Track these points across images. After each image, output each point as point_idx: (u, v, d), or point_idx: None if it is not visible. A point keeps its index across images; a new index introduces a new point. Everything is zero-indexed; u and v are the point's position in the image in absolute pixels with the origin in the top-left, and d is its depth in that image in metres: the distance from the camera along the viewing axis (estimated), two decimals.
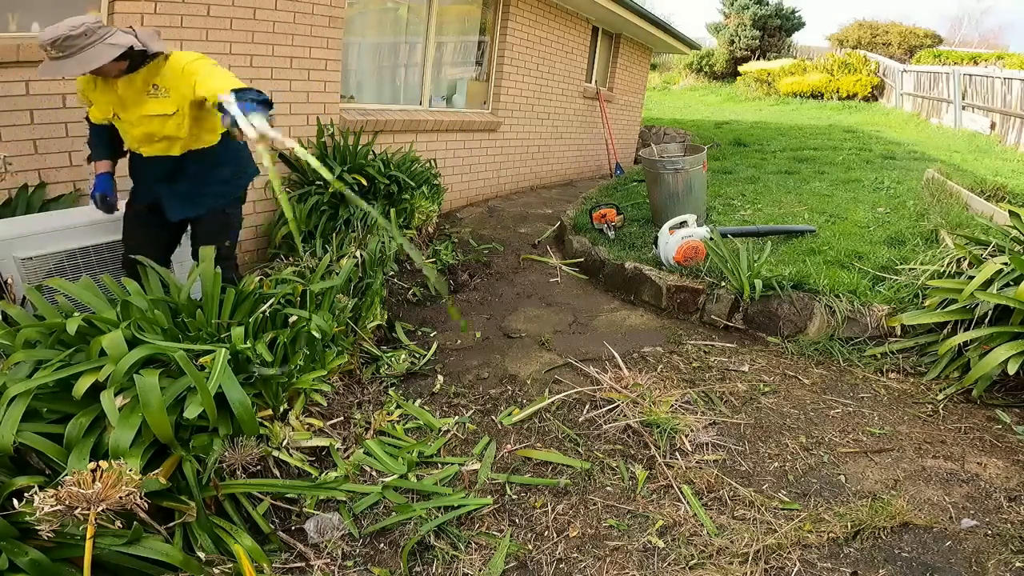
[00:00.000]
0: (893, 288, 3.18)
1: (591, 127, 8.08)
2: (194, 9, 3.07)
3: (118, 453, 1.54)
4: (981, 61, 14.20)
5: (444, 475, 2.10)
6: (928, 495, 1.96)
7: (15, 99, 2.56)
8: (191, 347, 1.88)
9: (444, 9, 5.24)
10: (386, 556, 1.79)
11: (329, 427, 2.25)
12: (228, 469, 1.80)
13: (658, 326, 3.30)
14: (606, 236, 4.48)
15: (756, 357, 2.94)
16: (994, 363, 2.38)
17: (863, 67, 15.40)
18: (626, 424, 2.33)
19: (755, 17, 19.54)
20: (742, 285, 3.23)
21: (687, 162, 4.27)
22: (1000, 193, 5.27)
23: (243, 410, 1.79)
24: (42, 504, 1.27)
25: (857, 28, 19.91)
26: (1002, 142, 9.46)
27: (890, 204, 4.87)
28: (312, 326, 2.18)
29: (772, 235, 4.07)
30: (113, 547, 1.43)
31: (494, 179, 6.27)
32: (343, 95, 4.32)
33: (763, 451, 2.22)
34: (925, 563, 1.68)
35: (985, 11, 45.23)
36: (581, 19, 7.04)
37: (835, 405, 2.53)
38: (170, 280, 2.22)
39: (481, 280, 4.06)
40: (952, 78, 11.25)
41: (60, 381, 1.68)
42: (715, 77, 20.48)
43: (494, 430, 2.39)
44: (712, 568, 1.68)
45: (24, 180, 2.66)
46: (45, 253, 2.27)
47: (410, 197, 4.00)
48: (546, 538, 1.84)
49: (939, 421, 2.42)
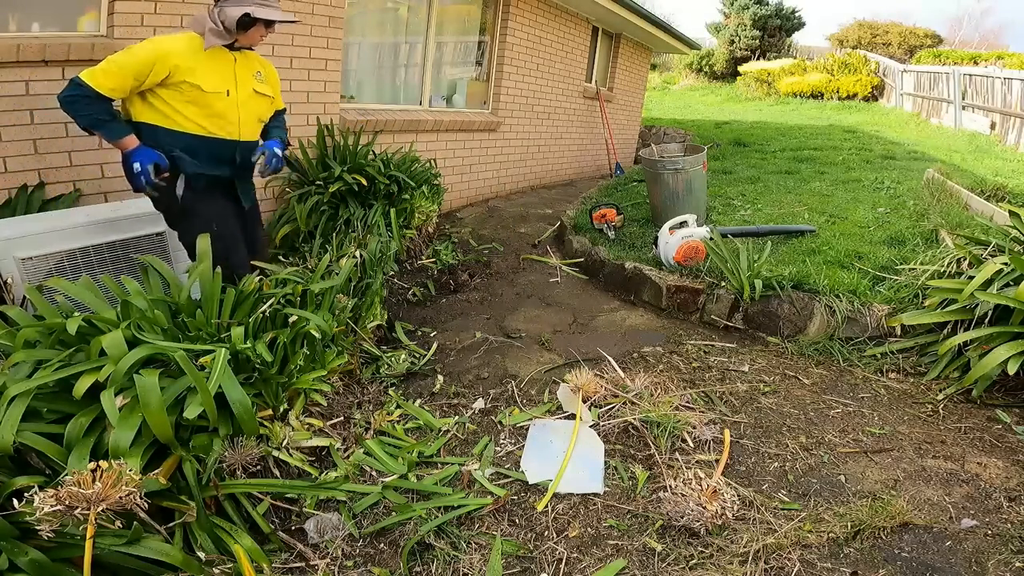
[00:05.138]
0: (893, 288, 3.18)
1: (591, 127, 8.08)
2: (194, 9, 3.07)
3: (118, 453, 1.54)
4: (981, 61, 14.19)
5: (444, 475, 2.10)
6: (928, 495, 1.96)
7: (15, 99, 2.56)
8: (191, 347, 1.88)
9: (444, 9, 5.24)
10: (386, 556, 1.79)
11: (329, 427, 2.25)
12: (228, 469, 1.80)
13: (658, 326, 3.30)
14: (606, 236, 4.48)
15: (756, 357, 2.94)
16: (994, 363, 2.38)
17: (863, 67, 15.40)
18: (626, 424, 2.33)
19: (755, 17, 19.54)
20: (742, 285, 3.23)
21: (687, 162, 4.27)
22: (1000, 193, 5.27)
23: (243, 410, 1.79)
24: (42, 504, 1.27)
25: (857, 28, 19.93)
26: (1002, 142, 9.45)
27: (890, 204, 4.87)
28: (312, 326, 2.18)
29: (772, 235, 4.07)
30: (113, 547, 1.43)
31: (494, 179, 6.27)
32: (343, 95, 4.32)
33: (763, 451, 2.22)
34: (925, 563, 1.68)
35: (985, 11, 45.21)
36: (581, 19, 7.04)
37: (835, 405, 2.53)
38: (171, 280, 2.22)
39: (481, 280, 4.06)
40: (952, 78, 11.24)
41: (60, 381, 1.68)
42: (715, 77, 20.49)
43: (494, 430, 2.39)
44: (712, 568, 1.68)
45: (24, 180, 2.66)
46: (45, 253, 2.27)
47: (410, 197, 4.00)
48: (546, 538, 1.84)
49: (939, 421, 2.42)
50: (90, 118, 2.14)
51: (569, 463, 2.12)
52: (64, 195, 2.76)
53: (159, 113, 2.23)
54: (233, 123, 2.33)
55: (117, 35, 2.81)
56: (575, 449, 2.19)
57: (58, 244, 2.31)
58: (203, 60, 2.21)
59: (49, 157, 2.72)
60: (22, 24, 2.69)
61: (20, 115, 2.59)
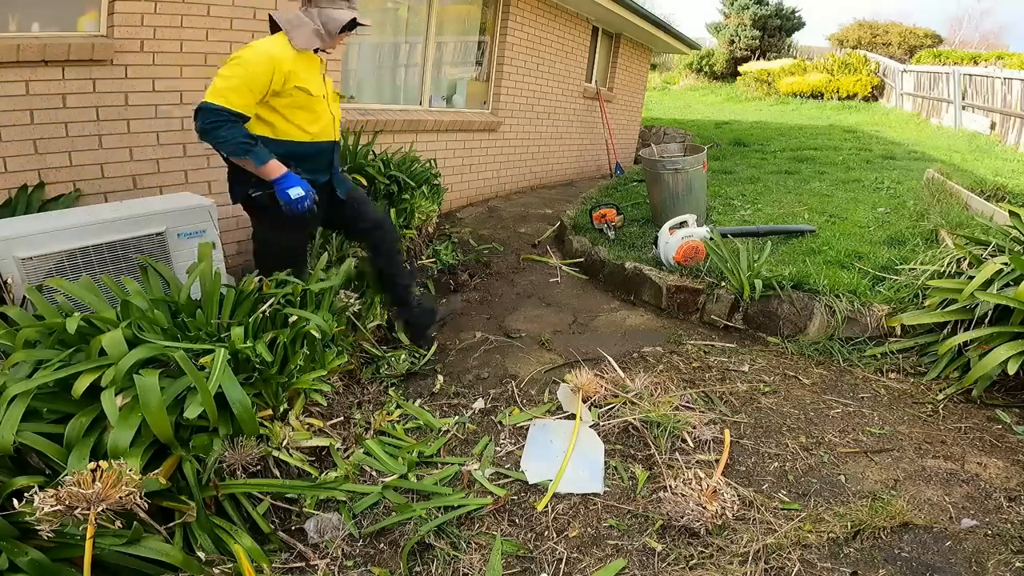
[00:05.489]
0: (893, 288, 3.18)
1: (591, 127, 8.08)
2: (194, 9, 3.07)
3: (118, 453, 1.54)
4: (981, 61, 14.19)
5: (444, 475, 2.10)
6: (928, 495, 1.96)
7: (15, 99, 2.56)
8: (191, 347, 1.88)
9: (444, 9, 5.24)
10: (386, 556, 1.79)
11: (329, 427, 2.25)
12: (228, 469, 1.80)
13: (658, 326, 3.30)
14: (606, 236, 4.48)
15: (756, 357, 2.94)
16: (994, 363, 2.38)
17: (863, 67, 15.40)
18: (626, 424, 2.33)
19: (755, 17, 19.54)
20: (742, 285, 3.23)
21: (687, 162, 4.26)
22: (1000, 193, 5.27)
23: (243, 410, 1.78)
24: (42, 504, 1.27)
25: (857, 28, 19.93)
26: (1002, 142, 9.45)
27: (890, 204, 4.87)
28: (312, 326, 2.18)
29: (772, 235, 4.07)
30: (113, 547, 1.43)
31: (494, 179, 6.27)
32: (343, 95, 4.31)
33: (763, 451, 2.22)
34: (925, 563, 1.68)
35: (985, 11, 45.24)
36: (581, 19, 7.04)
37: (835, 405, 2.53)
38: (171, 280, 2.22)
39: (481, 280, 4.06)
40: (952, 78, 11.24)
41: (60, 381, 1.68)
42: (715, 77, 20.49)
43: (494, 430, 2.39)
44: (712, 568, 1.68)
45: (24, 180, 2.66)
46: (45, 253, 2.27)
47: (410, 197, 4.00)
48: (546, 538, 1.84)
49: (939, 421, 2.42)
50: (235, 143, 2.02)
51: (569, 463, 2.12)
52: (64, 195, 2.76)
53: (265, 124, 2.15)
54: (329, 124, 2.29)
55: (117, 35, 2.81)
56: (575, 449, 2.19)
57: (58, 244, 2.30)
58: (301, 63, 2.15)
59: (49, 157, 2.72)
60: (22, 24, 2.69)
61: (20, 115, 2.59)
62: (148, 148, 3.07)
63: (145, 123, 3.02)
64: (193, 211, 2.68)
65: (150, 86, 2.99)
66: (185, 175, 3.27)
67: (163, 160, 3.15)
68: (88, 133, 2.82)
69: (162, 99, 3.06)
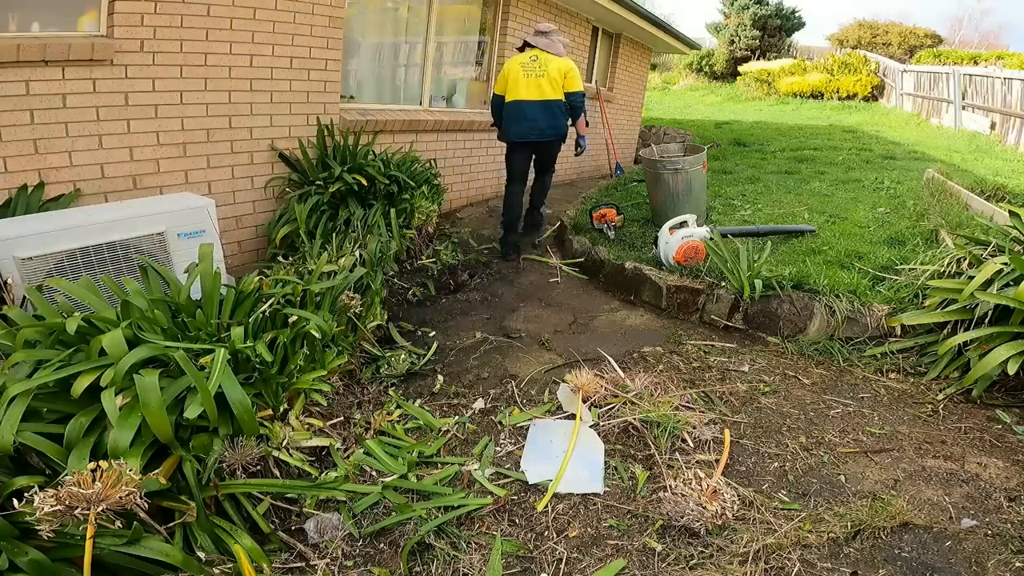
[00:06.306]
0: (893, 288, 3.18)
1: (591, 127, 8.07)
2: (194, 9, 3.07)
3: (118, 453, 1.54)
4: (981, 61, 14.20)
5: (444, 475, 2.10)
6: (928, 495, 1.96)
7: (15, 99, 2.56)
8: (191, 347, 1.88)
9: (444, 9, 5.24)
10: (386, 556, 1.79)
11: (329, 427, 2.25)
12: (228, 469, 1.80)
13: (658, 326, 3.30)
14: (606, 236, 4.48)
15: (756, 357, 2.94)
16: (994, 363, 2.38)
17: (863, 67, 15.40)
18: (626, 424, 2.33)
19: (755, 17, 19.55)
20: (742, 285, 3.23)
21: (687, 162, 4.27)
22: (1000, 193, 5.27)
23: (243, 410, 1.79)
24: (42, 504, 1.27)
25: (857, 28, 19.93)
26: (1002, 142, 9.46)
27: (890, 204, 4.87)
28: (312, 326, 2.18)
29: (772, 235, 4.07)
30: (113, 547, 1.43)
31: (494, 179, 6.27)
32: (343, 95, 4.32)
33: (763, 451, 2.22)
34: (925, 563, 1.68)
35: (985, 11, 45.22)
36: (581, 19, 7.04)
37: (835, 405, 2.53)
38: (171, 280, 2.22)
39: (481, 280, 4.06)
40: (952, 78, 11.25)
41: (60, 381, 1.68)
42: (715, 77, 20.49)
43: (494, 430, 2.39)
44: (712, 568, 1.68)
45: (24, 180, 2.66)
46: (45, 253, 2.27)
47: (410, 197, 4.00)
48: (546, 538, 1.84)
49: (939, 421, 2.42)
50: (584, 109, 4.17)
51: (569, 463, 2.12)
52: (64, 195, 2.76)
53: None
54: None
55: (117, 35, 2.81)
56: (575, 449, 2.19)
57: (58, 244, 2.31)
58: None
59: (49, 157, 2.72)
60: (22, 24, 2.69)
61: (20, 115, 2.59)
62: (148, 148, 3.07)
63: (145, 123, 3.02)
64: (193, 211, 2.68)
65: (150, 86, 3.00)
66: (185, 175, 3.27)
67: (163, 160, 3.15)
68: (88, 133, 2.82)
69: (162, 99, 3.06)
